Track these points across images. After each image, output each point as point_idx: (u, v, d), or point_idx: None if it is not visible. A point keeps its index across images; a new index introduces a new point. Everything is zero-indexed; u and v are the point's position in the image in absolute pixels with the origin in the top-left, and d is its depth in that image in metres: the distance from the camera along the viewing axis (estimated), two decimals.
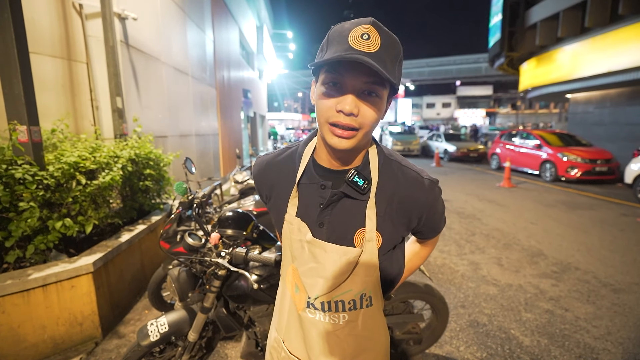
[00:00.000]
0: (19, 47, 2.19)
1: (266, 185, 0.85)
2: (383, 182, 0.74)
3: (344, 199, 0.74)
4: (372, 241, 0.73)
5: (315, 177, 0.76)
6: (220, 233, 1.70)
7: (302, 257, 0.76)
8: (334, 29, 0.65)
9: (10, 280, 1.92)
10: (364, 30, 0.60)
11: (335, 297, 0.74)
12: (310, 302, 0.75)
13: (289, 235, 0.78)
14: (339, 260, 0.72)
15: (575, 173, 8.35)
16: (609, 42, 9.38)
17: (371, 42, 0.60)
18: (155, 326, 1.46)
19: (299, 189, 0.77)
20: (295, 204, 0.77)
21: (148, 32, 4.54)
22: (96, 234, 2.71)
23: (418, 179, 0.75)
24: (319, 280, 0.74)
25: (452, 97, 51.52)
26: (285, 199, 0.79)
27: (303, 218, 0.76)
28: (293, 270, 0.79)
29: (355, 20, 0.63)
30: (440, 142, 15.37)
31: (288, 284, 0.81)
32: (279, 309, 0.88)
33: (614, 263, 3.57)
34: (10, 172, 2.02)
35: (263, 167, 0.85)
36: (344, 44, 0.60)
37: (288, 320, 0.83)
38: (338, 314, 0.75)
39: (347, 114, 0.62)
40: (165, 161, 3.41)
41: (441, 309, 1.96)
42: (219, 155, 8.24)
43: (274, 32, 23.33)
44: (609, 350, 2.18)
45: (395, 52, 0.63)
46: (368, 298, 0.76)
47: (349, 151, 0.69)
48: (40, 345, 2.05)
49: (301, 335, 0.79)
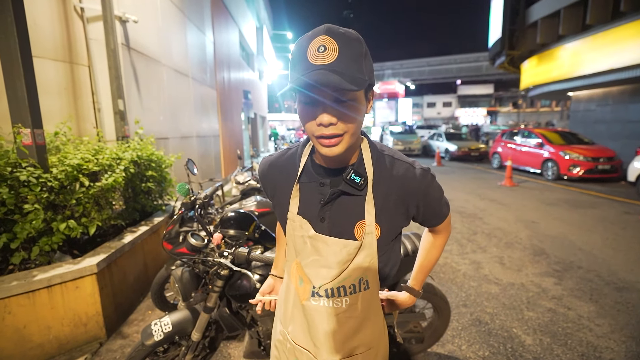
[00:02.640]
0: (22, 50, 2.21)
1: (270, 185, 0.91)
2: (378, 176, 0.79)
3: (342, 196, 0.78)
4: (372, 234, 0.77)
5: (314, 175, 0.81)
6: (223, 233, 1.71)
7: (304, 251, 0.81)
8: (295, 45, 0.68)
9: (16, 282, 1.94)
10: (319, 42, 0.63)
11: (338, 284, 0.79)
12: (314, 291, 0.80)
13: (292, 232, 0.83)
14: (340, 252, 0.77)
15: (578, 171, 8.32)
16: (610, 39, 9.34)
17: (328, 52, 0.62)
18: (159, 326, 1.47)
19: (299, 187, 0.82)
20: (296, 202, 0.82)
21: (149, 34, 4.56)
22: (99, 236, 2.73)
23: (410, 169, 0.80)
24: (321, 270, 0.79)
25: (453, 96, 51.39)
26: (287, 197, 0.84)
27: (305, 215, 0.81)
28: (297, 264, 0.84)
29: (311, 32, 0.66)
30: (441, 142, 15.35)
31: (292, 278, 0.86)
32: (282, 302, 0.92)
33: (616, 261, 3.56)
34: (15, 175, 2.04)
35: (267, 167, 0.91)
36: (304, 62, 0.64)
37: (292, 312, 0.86)
38: (341, 298, 0.80)
39: (327, 125, 0.66)
40: (167, 163, 3.43)
41: (443, 308, 1.97)
42: (220, 156, 8.26)
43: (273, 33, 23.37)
44: (612, 349, 2.18)
45: (356, 51, 0.65)
46: (365, 282, 0.81)
47: (341, 154, 0.72)
48: (46, 345, 2.07)
49: (305, 325, 0.83)
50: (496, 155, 11.53)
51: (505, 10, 13.87)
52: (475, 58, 44.22)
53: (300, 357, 0.86)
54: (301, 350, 0.85)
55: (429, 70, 47.76)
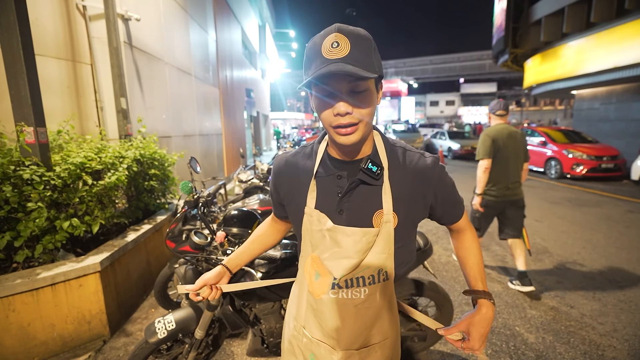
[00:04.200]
0: (25, 49, 2.22)
1: (285, 181, 0.93)
2: (393, 166, 0.83)
3: (360, 186, 0.81)
4: (389, 222, 0.80)
5: (332, 168, 0.84)
6: (226, 231, 1.72)
7: (323, 245, 0.83)
8: (308, 46, 0.74)
9: (20, 280, 1.95)
10: (332, 39, 0.69)
11: (357, 274, 0.81)
12: (335, 283, 0.82)
13: (309, 227, 0.85)
14: (360, 241, 0.80)
15: (581, 170, 8.27)
16: (615, 37, 9.26)
17: (341, 47, 0.68)
18: (163, 324, 1.48)
19: (316, 182, 0.85)
20: (314, 197, 0.85)
21: (151, 32, 4.57)
22: (103, 234, 2.74)
23: (422, 158, 0.84)
24: (342, 261, 0.81)
25: (456, 94, 51.21)
26: (304, 193, 0.86)
27: (322, 208, 0.83)
28: (313, 259, 0.86)
29: (323, 31, 0.72)
30: (444, 140, 15.30)
31: (306, 274, 0.88)
32: (296, 300, 0.94)
33: (619, 260, 3.54)
34: (18, 173, 2.05)
35: (283, 163, 0.94)
36: (320, 58, 0.69)
37: (307, 309, 0.88)
38: (359, 288, 0.82)
39: (343, 114, 0.71)
40: (170, 161, 3.44)
41: (445, 306, 1.96)
42: (222, 154, 8.27)
43: (276, 32, 23.33)
44: (614, 347, 2.17)
45: (366, 45, 0.71)
46: (385, 273, 0.83)
47: (356, 144, 0.76)
48: (50, 343, 2.09)
49: (324, 318, 0.85)
50: None
51: (509, 8, 13.79)
52: (478, 56, 44.01)
53: (317, 350, 0.87)
54: (318, 343, 0.87)
55: (432, 68, 47.56)
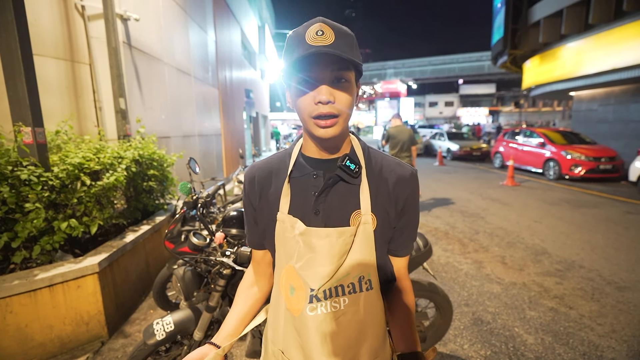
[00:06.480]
0: (23, 49, 2.21)
1: (257, 189, 0.85)
2: (370, 168, 0.80)
3: (337, 184, 0.77)
4: (368, 224, 0.76)
5: (307, 167, 0.80)
6: (225, 232, 1.71)
7: (297, 252, 0.76)
8: (290, 36, 0.71)
9: (18, 281, 1.94)
10: (317, 28, 0.67)
11: (336, 283, 0.75)
12: (313, 295, 0.75)
13: (282, 235, 0.79)
14: (336, 242, 0.74)
15: (579, 171, 8.30)
16: (613, 38, 9.29)
17: (326, 36, 0.67)
18: (161, 325, 1.47)
19: (290, 184, 0.80)
20: (287, 201, 0.79)
21: (150, 33, 4.56)
22: (101, 235, 2.73)
23: (400, 164, 0.83)
24: (318, 269, 0.74)
25: (455, 95, 51.29)
26: (276, 198, 0.80)
27: (297, 211, 0.78)
28: (287, 271, 0.78)
29: (306, 23, 0.70)
30: (443, 141, 15.32)
31: (282, 289, 0.80)
32: (273, 319, 0.86)
33: (618, 261, 3.55)
34: (16, 174, 2.04)
35: (255, 170, 0.87)
36: (304, 44, 0.67)
37: (285, 330, 0.81)
38: (338, 298, 0.75)
39: (325, 102, 0.68)
40: (169, 162, 3.43)
41: (445, 307, 1.96)
42: (221, 155, 8.26)
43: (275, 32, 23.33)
44: (613, 348, 2.18)
45: (349, 40, 0.70)
46: (367, 281, 0.77)
47: (335, 138, 0.73)
48: (48, 344, 2.08)
49: (304, 338, 0.77)
50: (498, 154, 11.52)
51: (508, 10, 13.83)
52: (477, 57, 44.10)
53: None
54: None
55: (431, 69, 47.63)
